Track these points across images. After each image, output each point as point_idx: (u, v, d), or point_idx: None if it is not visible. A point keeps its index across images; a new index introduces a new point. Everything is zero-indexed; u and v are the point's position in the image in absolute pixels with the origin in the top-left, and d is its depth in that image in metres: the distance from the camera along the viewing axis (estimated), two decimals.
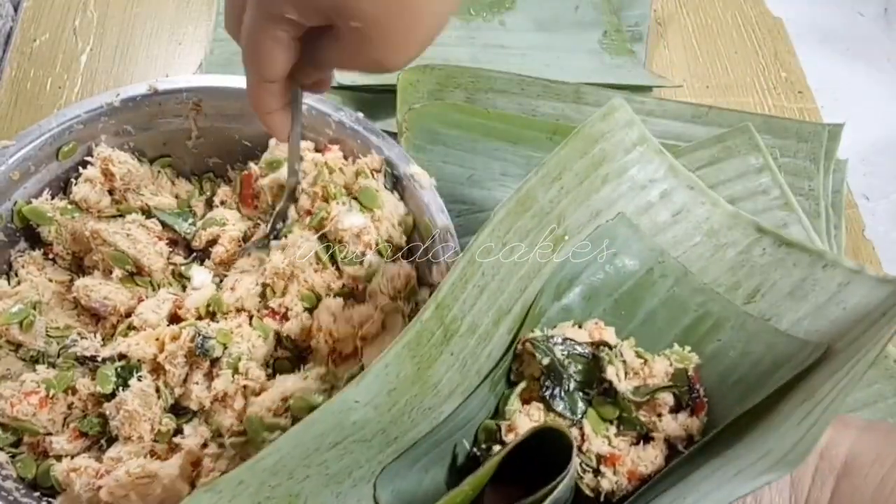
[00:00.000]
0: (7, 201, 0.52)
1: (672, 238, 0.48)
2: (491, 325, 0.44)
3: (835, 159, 0.66)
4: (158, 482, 0.43)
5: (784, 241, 0.46)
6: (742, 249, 0.47)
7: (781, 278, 0.45)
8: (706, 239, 0.48)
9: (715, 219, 0.48)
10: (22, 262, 0.53)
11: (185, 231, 0.55)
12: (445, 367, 0.41)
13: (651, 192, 0.49)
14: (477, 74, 0.67)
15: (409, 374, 0.40)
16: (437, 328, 0.41)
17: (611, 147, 0.48)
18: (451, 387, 0.42)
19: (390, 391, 0.39)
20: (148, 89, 0.54)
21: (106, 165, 0.53)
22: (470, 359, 0.43)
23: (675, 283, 0.47)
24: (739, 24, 0.81)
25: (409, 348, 0.39)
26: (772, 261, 0.46)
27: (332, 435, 0.37)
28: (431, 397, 0.41)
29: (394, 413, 0.39)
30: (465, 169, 0.64)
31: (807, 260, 0.45)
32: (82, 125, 0.53)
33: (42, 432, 0.46)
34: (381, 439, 0.39)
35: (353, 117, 0.55)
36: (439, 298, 0.40)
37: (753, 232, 0.47)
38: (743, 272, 0.47)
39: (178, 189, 0.58)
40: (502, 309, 0.44)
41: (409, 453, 0.41)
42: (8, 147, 0.51)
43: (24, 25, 0.73)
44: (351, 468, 0.39)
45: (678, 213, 0.49)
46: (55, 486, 0.45)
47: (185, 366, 0.47)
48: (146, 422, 0.45)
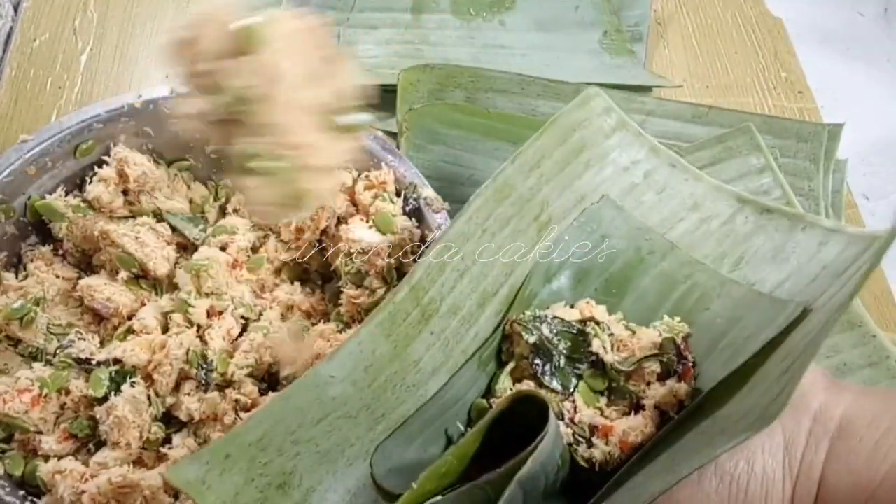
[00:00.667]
0: (21, 195, 0.52)
1: (659, 216, 0.49)
2: (475, 307, 0.45)
3: (835, 159, 0.66)
4: (139, 493, 0.43)
5: (765, 207, 0.48)
6: (725, 220, 0.48)
7: (764, 243, 0.47)
8: (691, 213, 0.49)
9: (698, 192, 0.50)
10: (31, 257, 0.53)
11: (194, 237, 0.55)
12: (426, 345, 0.43)
13: (634, 173, 0.50)
14: (477, 74, 0.67)
15: (385, 351, 0.41)
16: (414, 308, 0.42)
17: (590, 134, 0.49)
18: (435, 364, 0.43)
19: (367, 367, 0.40)
20: (170, 92, 0.54)
21: (122, 166, 0.53)
22: (453, 339, 0.44)
23: (663, 259, 0.48)
24: (739, 24, 0.81)
25: (384, 327, 0.41)
26: (754, 228, 0.48)
27: (313, 410, 0.38)
28: (414, 374, 0.42)
29: (375, 389, 0.40)
30: (465, 169, 0.64)
31: (786, 224, 0.47)
32: (102, 124, 0.53)
33: (32, 430, 0.46)
34: (367, 416, 0.40)
35: (371, 135, 0.55)
36: (413, 281, 0.42)
37: (735, 202, 0.49)
38: (728, 242, 0.48)
39: (194, 193, 0.58)
40: (487, 292, 0.45)
41: (401, 432, 0.41)
42: (27, 141, 0.51)
43: (24, 25, 0.73)
44: (342, 446, 0.39)
45: (662, 190, 0.50)
46: (41, 487, 0.45)
47: (173, 374, 0.47)
48: (135, 429, 0.45)
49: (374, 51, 0.72)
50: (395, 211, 0.53)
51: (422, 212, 0.53)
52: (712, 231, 0.48)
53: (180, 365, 0.47)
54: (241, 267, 0.53)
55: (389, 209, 0.52)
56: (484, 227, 0.45)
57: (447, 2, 0.76)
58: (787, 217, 0.47)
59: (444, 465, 0.38)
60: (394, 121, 0.65)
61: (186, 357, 0.47)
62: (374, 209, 0.52)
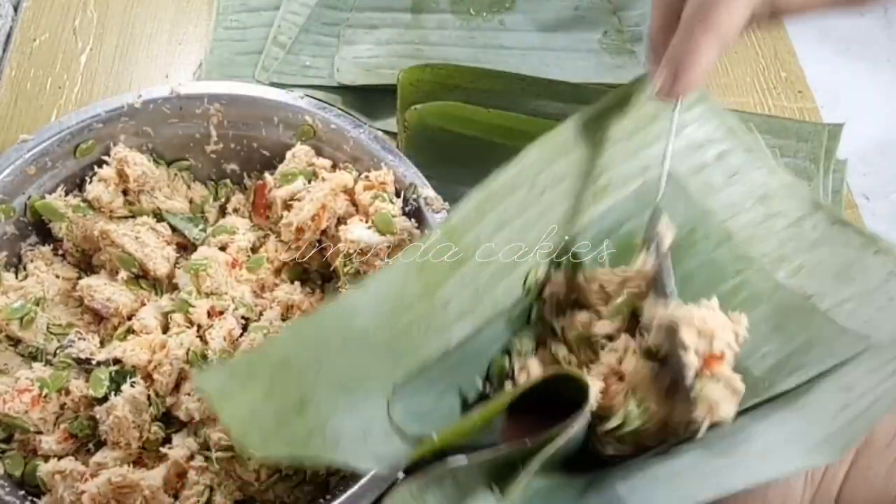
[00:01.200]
0: (21, 195, 0.52)
1: (724, 201, 0.46)
2: (511, 261, 0.42)
3: (835, 159, 0.66)
4: (139, 493, 0.43)
5: (838, 219, 0.45)
6: (793, 221, 0.45)
7: (829, 257, 0.44)
8: (758, 205, 0.46)
9: (771, 185, 0.46)
10: (31, 257, 0.53)
11: (194, 237, 0.55)
12: (455, 289, 0.40)
13: (707, 152, 0.47)
14: (477, 74, 0.67)
15: (415, 290, 0.39)
16: (447, 252, 0.40)
17: (666, 105, 0.45)
18: (462, 310, 0.41)
19: (395, 303, 0.38)
20: (170, 93, 0.54)
21: (122, 166, 0.53)
22: (483, 288, 0.42)
23: (717, 247, 0.45)
24: None
25: (416, 265, 0.39)
26: (821, 237, 0.44)
27: (337, 338, 0.37)
28: (440, 317, 0.40)
29: (400, 328, 0.38)
30: (465, 168, 0.64)
31: (858, 241, 0.44)
32: (102, 124, 0.53)
33: (32, 430, 0.46)
34: (388, 354, 0.38)
35: (371, 135, 0.55)
36: (449, 224, 0.40)
37: (808, 205, 0.46)
38: (791, 245, 0.45)
39: (194, 193, 0.58)
40: (525, 248, 0.43)
41: (421, 377, 0.40)
42: (27, 141, 0.51)
43: (24, 25, 0.73)
44: (361, 379, 0.38)
45: (733, 175, 0.47)
46: (41, 487, 0.45)
47: (173, 374, 0.47)
48: (135, 429, 0.45)
49: (374, 51, 0.72)
50: (395, 211, 0.53)
51: (422, 212, 0.53)
52: (776, 230, 0.45)
53: (180, 365, 0.47)
54: (240, 266, 0.53)
55: (389, 209, 0.52)
56: (534, 181, 0.42)
57: (447, 2, 0.76)
58: (860, 235, 0.44)
59: (469, 422, 0.37)
60: (394, 121, 0.65)
61: (187, 357, 0.47)
62: (373, 209, 0.52)
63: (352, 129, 0.55)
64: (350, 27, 0.73)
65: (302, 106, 0.56)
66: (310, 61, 0.70)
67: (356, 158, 0.55)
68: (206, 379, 0.33)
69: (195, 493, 0.44)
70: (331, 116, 0.55)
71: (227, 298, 0.51)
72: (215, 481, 0.45)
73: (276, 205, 0.55)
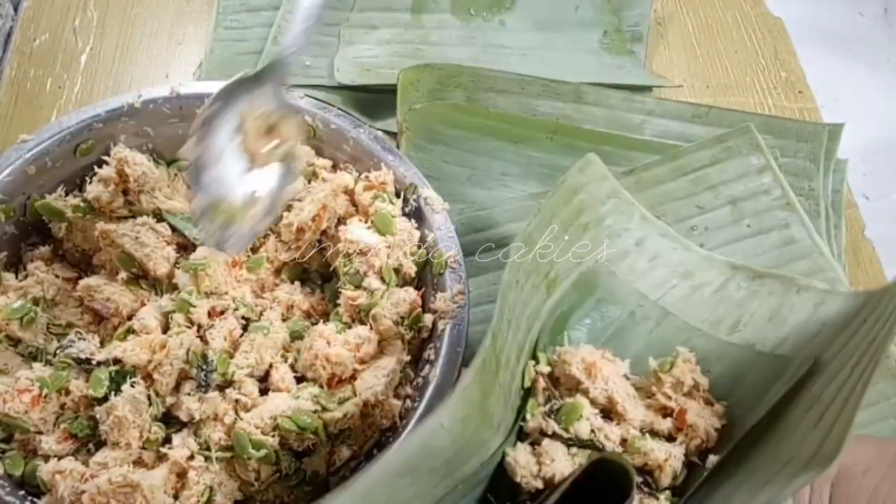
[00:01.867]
0: (21, 195, 0.52)
1: (652, 282, 0.50)
2: (514, 360, 0.44)
3: (835, 159, 0.66)
4: (139, 493, 0.43)
5: (756, 273, 0.49)
6: (718, 287, 0.49)
7: (759, 308, 0.48)
8: (683, 280, 0.50)
9: (689, 262, 0.51)
10: (31, 257, 0.53)
11: (194, 237, 0.55)
12: (496, 398, 0.41)
13: (627, 239, 0.51)
14: (477, 74, 0.67)
15: (476, 401, 0.39)
16: (493, 357, 0.40)
17: (589, 198, 0.50)
18: (499, 419, 0.42)
19: (464, 418, 0.38)
20: (170, 92, 0.54)
21: (121, 166, 0.53)
22: (508, 392, 0.43)
23: (657, 325, 0.49)
24: (739, 24, 0.80)
25: (480, 374, 0.39)
26: (748, 293, 0.48)
27: (412, 461, 0.37)
28: (487, 428, 0.41)
29: (461, 443, 0.39)
30: (465, 169, 0.64)
31: (780, 288, 0.47)
32: (102, 124, 0.53)
33: (32, 430, 0.46)
34: (443, 470, 0.39)
35: (371, 135, 0.55)
36: (493, 327, 0.40)
37: (727, 270, 0.50)
38: (722, 307, 0.49)
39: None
40: (521, 345, 0.45)
41: (451, 494, 0.40)
42: (27, 141, 0.51)
43: (24, 25, 0.73)
44: (411, 500, 0.37)
45: (654, 258, 0.51)
46: (41, 487, 0.45)
47: (173, 374, 0.47)
48: (135, 428, 0.45)
49: (374, 51, 0.72)
50: (395, 212, 0.53)
51: (422, 212, 0.53)
52: (706, 297, 0.49)
53: (180, 365, 0.47)
54: (240, 266, 0.53)
55: (389, 210, 0.52)
56: (517, 279, 0.44)
57: (447, 2, 0.76)
58: (780, 281, 0.48)
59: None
60: (394, 121, 0.65)
61: (187, 357, 0.47)
62: (373, 210, 0.52)
63: (352, 130, 0.55)
64: (350, 27, 0.73)
65: (302, 106, 0.56)
66: (310, 61, 0.70)
67: (356, 159, 0.55)
68: None
69: (195, 494, 0.44)
70: (331, 116, 0.55)
71: (228, 298, 0.51)
72: (215, 481, 0.45)
73: None
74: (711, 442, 0.43)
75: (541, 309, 0.47)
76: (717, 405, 0.44)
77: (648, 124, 0.68)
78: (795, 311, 0.46)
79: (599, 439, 0.42)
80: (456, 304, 0.49)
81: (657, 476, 0.41)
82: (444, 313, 0.49)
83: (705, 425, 0.43)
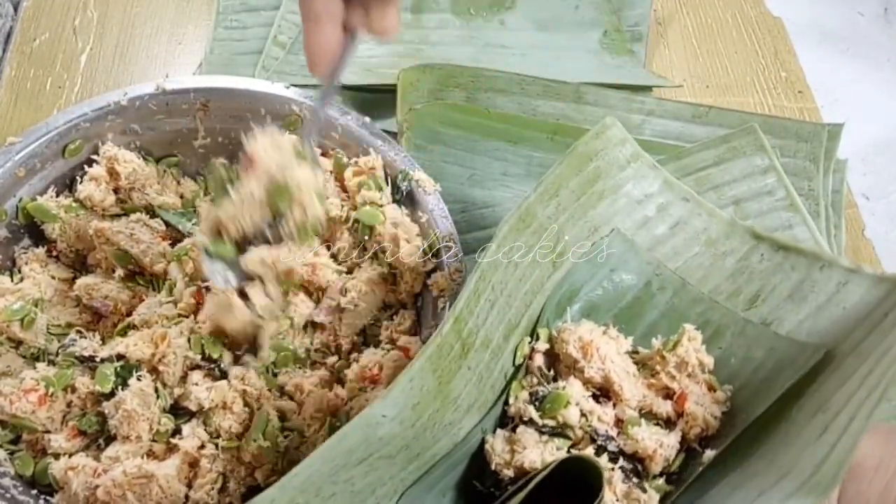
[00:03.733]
0: (12, 198, 0.52)
1: (671, 250, 0.49)
2: (502, 339, 0.44)
3: (835, 159, 0.66)
4: (155, 483, 0.43)
5: (781, 245, 0.47)
6: (741, 256, 0.48)
7: (781, 282, 0.46)
8: (705, 248, 0.49)
9: (713, 228, 0.49)
10: (25, 259, 0.53)
11: (188, 230, 0.55)
12: (464, 381, 0.41)
13: (648, 206, 0.49)
14: (477, 74, 0.67)
15: (431, 387, 0.40)
16: (456, 342, 0.41)
17: (605, 164, 0.49)
18: (470, 402, 0.42)
19: (415, 405, 0.39)
20: (155, 89, 0.54)
21: (111, 164, 0.53)
22: (485, 373, 0.43)
23: (674, 295, 0.48)
24: (739, 23, 0.81)
25: (431, 361, 0.39)
26: (770, 265, 0.47)
27: (359, 450, 0.37)
28: (452, 412, 0.41)
29: (417, 428, 0.39)
30: (465, 168, 0.64)
31: (804, 262, 0.46)
32: (89, 123, 0.53)
33: (41, 430, 0.46)
34: (404, 455, 0.39)
35: (359, 121, 0.55)
36: (457, 311, 0.41)
37: (750, 239, 0.48)
38: (743, 279, 0.47)
39: (184, 189, 0.58)
40: (511, 323, 0.44)
41: (428, 475, 0.41)
42: (15, 144, 0.51)
43: (24, 25, 0.73)
44: (374, 485, 0.38)
45: (675, 224, 0.49)
46: (53, 484, 0.45)
47: (178, 364, 0.47)
48: (144, 421, 0.45)
49: (374, 51, 0.72)
50: (383, 200, 0.53)
51: (414, 195, 0.53)
52: (727, 267, 0.48)
53: (184, 353, 0.47)
54: None
55: (375, 198, 0.52)
56: (509, 257, 0.44)
57: (447, 1, 0.76)
58: (805, 255, 0.46)
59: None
60: (394, 121, 0.65)
61: (189, 345, 0.47)
62: (360, 199, 0.53)
63: (340, 117, 0.55)
64: None
65: (288, 96, 0.56)
66: None
67: (345, 145, 0.55)
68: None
69: (209, 481, 0.45)
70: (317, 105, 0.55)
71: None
72: (227, 468, 0.46)
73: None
74: (711, 430, 0.42)
75: (544, 283, 0.46)
76: (719, 391, 0.44)
77: (648, 124, 0.68)
78: (817, 290, 0.44)
79: (591, 423, 0.41)
80: (454, 281, 0.49)
81: (647, 464, 0.41)
82: (443, 291, 0.49)
83: (705, 414, 0.42)
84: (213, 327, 0.48)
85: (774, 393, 0.41)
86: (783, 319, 0.45)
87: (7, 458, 0.45)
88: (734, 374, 0.45)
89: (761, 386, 0.43)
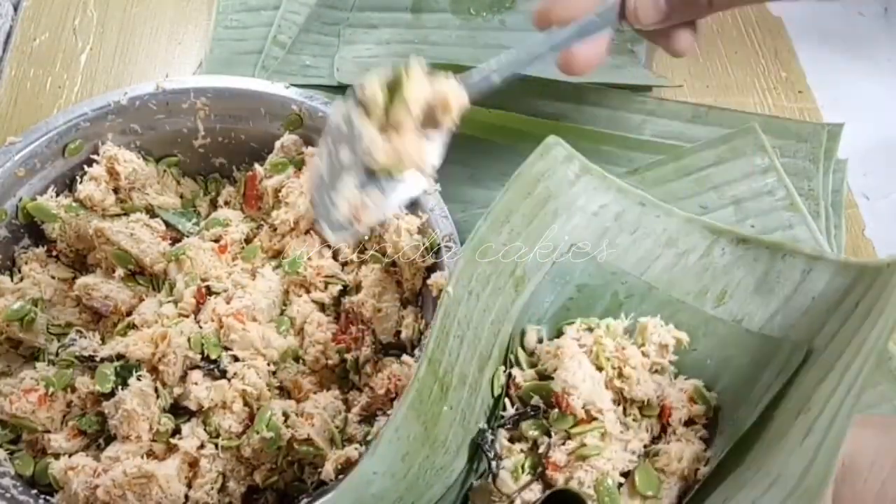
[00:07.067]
0: (12, 198, 0.52)
1: (635, 257, 0.49)
2: (477, 373, 0.43)
3: (835, 159, 0.66)
4: (155, 483, 0.43)
5: (740, 237, 0.47)
6: (702, 253, 0.48)
7: (745, 276, 0.46)
8: (666, 249, 0.49)
9: (671, 228, 0.49)
10: (25, 259, 0.53)
11: (188, 230, 0.55)
12: (448, 422, 0.41)
13: (604, 216, 0.49)
14: None
15: (418, 434, 0.39)
16: (434, 383, 0.40)
17: (554, 184, 0.49)
18: (458, 442, 0.42)
19: (404, 456, 0.38)
20: (155, 88, 0.54)
21: (111, 164, 0.53)
22: (468, 410, 0.42)
23: (642, 301, 0.48)
24: (739, 23, 0.80)
25: (414, 408, 0.39)
26: (732, 259, 0.47)
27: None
28: (442, 455, 0.41)
29: (409, 478, 0.39)
30: (465, 168, 0.64)
31: (766, 253, 0.46)
32: (89, 123, 0.53)
33: (40, 430, 0.46)
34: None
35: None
36: (429, 353, 0.40)
37: (709, 234, 0.48)
38: (707, 276, 0.47)
39: (184, 189, 0.58)
40: (483, 356, 0.44)
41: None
42: (14, 143, 0.51)
43: (23, 25, 0.73)
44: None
45: (635, 230, 0.49)
46: (53, 484, 0.45)
47: (178, 364, 0.47)
48: (144, 421, 0.45)
49: (374, 51, 0.72)
50: None
51: None
52: (690, 266, 0.48)
53: (184, 352, 0.47)
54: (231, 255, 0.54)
55: None
56: (469, 289, 0.43)
57: (447, 1, 0.76)
58: (766, 246, 0.46)
59: None
60: None
61: (189, 345, 0.47)
62: None
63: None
64: (350, 27, 0.73)
65: (288, 95, 0.56)
66: (310, 61, 0.70)
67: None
68: None
69: (209, 481, 0.45)
70: (317, 105, 0.55)
71: (215, 281, 0.51)
72: (227, 468, 0.46)
73: (267, 195, 0.55)
74: (693, 481, 0.41)
75: (509, 310, 0.46)
76: (701, 404, 0.43)
77: (648, 124, 0.68)
78: (782, 280, 0.45)
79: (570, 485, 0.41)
80: None
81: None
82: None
83: (687, 468, 0.41)
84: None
85: (758, 395, 0.40)
86: (753, 315, 0.45)
87: (7, 458, 0.46)
88: (713, 377, 0.45)
89: (744, 388, 0.43)
